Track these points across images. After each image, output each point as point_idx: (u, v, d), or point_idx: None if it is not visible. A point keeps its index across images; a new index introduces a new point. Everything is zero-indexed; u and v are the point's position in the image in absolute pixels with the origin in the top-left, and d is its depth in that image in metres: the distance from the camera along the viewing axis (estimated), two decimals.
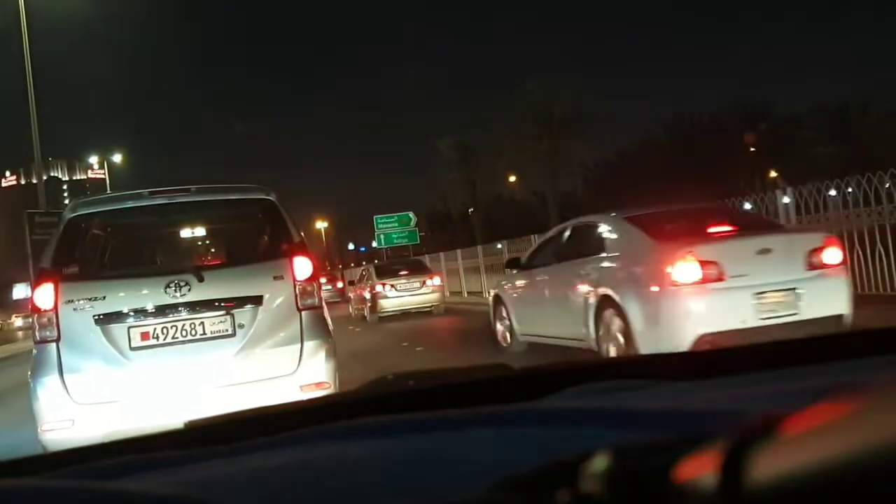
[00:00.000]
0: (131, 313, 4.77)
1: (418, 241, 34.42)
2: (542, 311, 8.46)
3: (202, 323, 4.83)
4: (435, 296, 18.33)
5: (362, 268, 24.05)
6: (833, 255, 6.64)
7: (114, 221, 5.50)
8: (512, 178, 47.39)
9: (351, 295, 22.51)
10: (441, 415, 0.82)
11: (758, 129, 42.88)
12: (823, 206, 10.14)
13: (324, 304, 5.27)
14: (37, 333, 4.72)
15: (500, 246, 20.83)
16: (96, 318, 4.70)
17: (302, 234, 5.44)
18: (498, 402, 0.87)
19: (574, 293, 7.51)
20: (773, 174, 41.01)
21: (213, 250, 8.37)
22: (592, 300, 7.11)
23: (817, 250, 6.58)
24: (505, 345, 9.50)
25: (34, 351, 4.76)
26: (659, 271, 6.39)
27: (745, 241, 6.62)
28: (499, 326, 9.70)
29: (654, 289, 6.43)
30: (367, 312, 18.62)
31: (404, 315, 17.55)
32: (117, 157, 44.15)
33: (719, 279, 6.23)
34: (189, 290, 4.81)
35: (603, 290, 6.95)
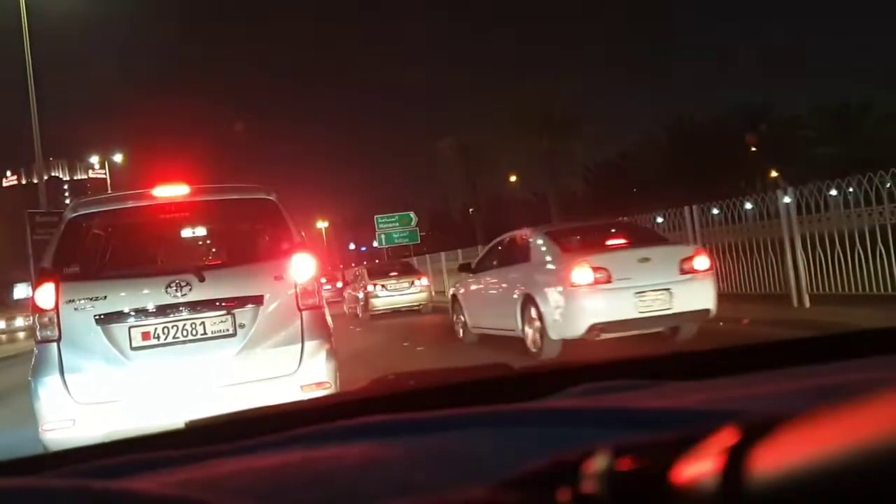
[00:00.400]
0: (132, 313, 4.77)
1: (419, 241, 34.39)
2: (485, 308, 10.32)
3: (203, 323, 4.83)
4: (423, 295, 19.63)
5: (355, 269, 25.42)
6: (702, 262, 8.49)
7: (115, 221, 5.50)
8: (512, 178, 47.44)
9: (345, 294, 23.74)
10: (442, 414, 0.82)
11: (758, 129, 42.91)
12: (824, 206, 10.15)
13: (324, 303, 5.28)
14: (38, 333, 4.72)
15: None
16: (97, 317, 4.70)
17: (303, 233, 5.44)
18: (499, 401, 0.88)
19: (507, 292, 9.39)
20: (773, 174, 41.01)
21: (213, 250, 8.36)
22: (518, 298, 8.95)
23: (689, 259, 8.43)
24: (461, 336, 11.20)
25: (35, 351, 4.77)
26: (563, 275, 8.21)
27: (629, 252, 8.49)
28: (456, 321, 11.51)
29: (560, 289, 8.24)
30: (359, 311, 20.04)
31: (395, 313, 18.69)
32: (118, 157, 44.18)
33: (608, 281, 8.02)
34: (190, 289, 4.81)
35: (526, 290, 8.80)
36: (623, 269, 8.09)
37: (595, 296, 8.02)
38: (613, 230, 9.49)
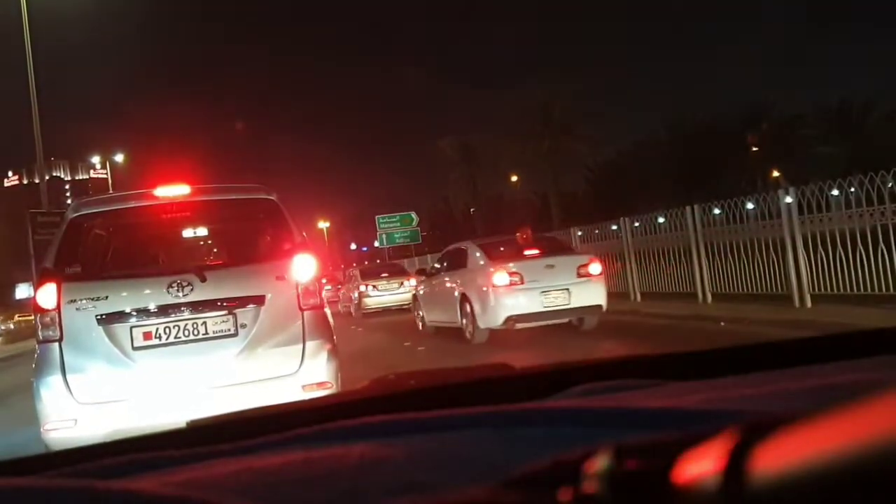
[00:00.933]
0: (134, 313, 4.76)
1: (420, 241, 34.41)
2: (436, 305, 12.72)
3: (204, 323, 4.83)
4: (411, 295, 20.11)
5: (350, 270, 27.02)
6: (595, 268, 10.85)
7: (116, 221, 5.50)
8: (514, 178, 47.43)
9: (340, 293, 25.14)
10: (443, 414, 0.82)
11: (759, 128, 42.86)
12: (826, 206, 10.15)
13: (326, 303, 5.28)
14: (40, 333, 4.71)
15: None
16: (99, 317, 4.70)
17: (304, 233, 5.44)
18: (499, 401, 0.88)
19: (450, 292, 11.82)
20: (775, 174, 40.97)
21: (215, 250, 8.37)
22: (458, 296, 11.40)
23: (585, 265, 10.81)
24: (420, 328, 13.73)
25: (37, 350, 4.76)
26: (487, 278, 10.62)
27: (538, 260, 10.83)
28: (416, 316, 14.15)
29: (485, 289, 10.65)
30: (353, 309, 21.74)
31: (385, 311, 20.05)
32: (119, 157, 44.19)
33: (521, 283, 10.42)
34: (191, 289, 4.81)
35: (463, 290, 11.27)
36: (533, 273, 10.52)
37: (510, 294, 10.41)
38: (530, 242, 11.63)
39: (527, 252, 11.10)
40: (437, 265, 13.40)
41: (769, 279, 11.07)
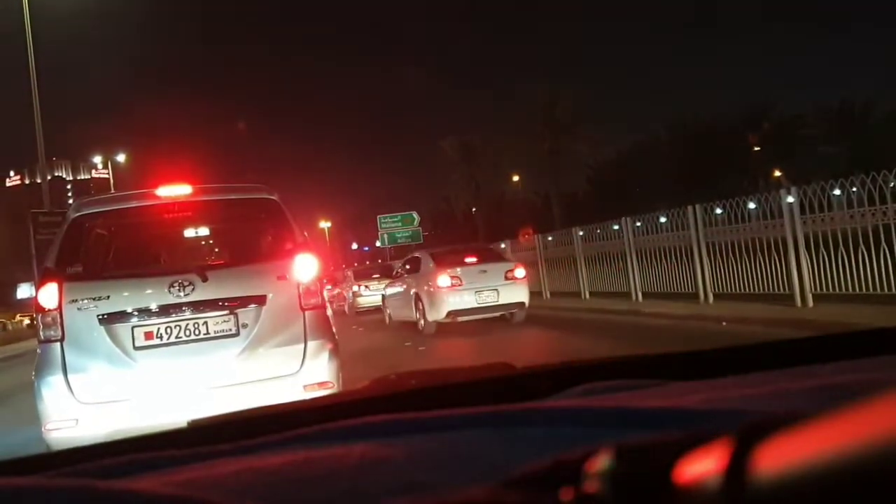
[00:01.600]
0: (135, 313, 4.76)
1: (422, 241, 34.38)
2: (397, 303, 15.46)
3: (206, 323, 4.83)
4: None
5: (344, 271, 28.65)
6: (519, 273, 13.63)
7: (118, 221, 5.50)
8: (515, 178, 47.41)
9: (334, 293, 25.96)
10: (444, 414, 0.82)
11: (761, 128, 42.84)
12: (828, 206, 10.13)
13: (327, 303, 5.27)
14: (41, 333, 4.71)
15: (503, 246, 21.09)
16: (100, 317, 4.70)
17: (305, 233, 5.44)
18: (500, 401, 0.88)
19: (407, 292, 14.52)
20: (776, 173, 40.94)
21: (216, 250, 8.37)
22: (413, 296, 14.05)
23: (511, 270, 13.58)
24: (387, 323, 16.38)
25: (38, 350, 4.76)
26: (433, 281, 13.25)
27: (475, 266, 13.52)
28: (385, 314, 16.84)
29: (432, 289, 13.26)
30: (346, 308, 23.52)
31: (377, 310, 20.48)
32: (121, 157, 44.23)
33: (460, 285, 13.06)
34: (193, 289, 4.81)
35: (416, 290, 13.88)
36: (469, 277, 13.20)
37: (451, 294, 13.05)
38: (471, 252, 14.58)
39: (467, 259, 13.81)
40: (398, 270, 16.10)
41: (771, 279, 11.06)
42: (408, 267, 15.11)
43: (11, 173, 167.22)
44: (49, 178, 27.23)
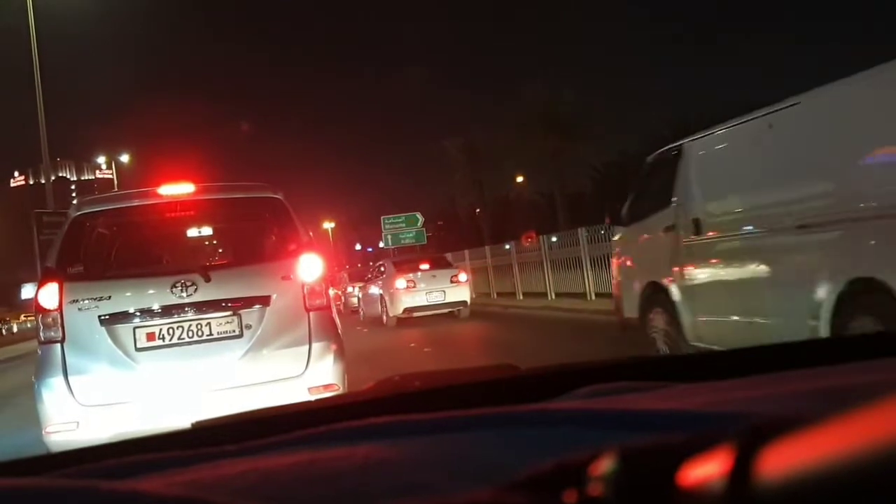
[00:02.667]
0: (137, 313, 4.71)
1: (425, 241, 34.37)
2: (368, 301, 18.94)
3: (209, 323, 4.79)
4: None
5: (340, 273, 31.06)
6: (462, 277, 17.17)
7: (120, 220, 5.47)
8: (519, 179, 47.35)
9: (329, 293, 26.90)
10: (448, 416, 0.82)
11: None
12: None
13: (332, 304, 5.24)
14: (41, 334, 4.65)
15: (507, 247, 21.16)
16: (102, 318, 4.65)
17: (310, 233, 5.41)
18: (504, 403, 0.87)
19: (375, 293, 18.05)
20: None
21: (220, 250, 8.37)
22: (378, 296, 17.62)
23: (455, 276, 17.03)
24: (361, 319, 19.24)
25: (38, 351, 4.71)
26: (393, 284, 16.68)
27: (427, 272, 16.88)
28: (359, 312, 20.11)
29: (392, 291, 16.64)
30: (342, 306, 24.51)
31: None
32: (125, 158, 44.33)
33: (414, 287, 16.46)
34: (195, 290, 4.77)
35: (381, 292, 17.37)
36: (422, 280, 16.59)
37: (406, 294, 16.44)
38: (426, 260, 18.03)
39: (421, 266, 17.25)
40: (369, 275, 19.71)
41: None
42: (377, 272, 18.54)
43: (16, 174, 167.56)
44: (53, 178, 27.25)
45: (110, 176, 52.41)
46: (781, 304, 5.57)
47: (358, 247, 75.37)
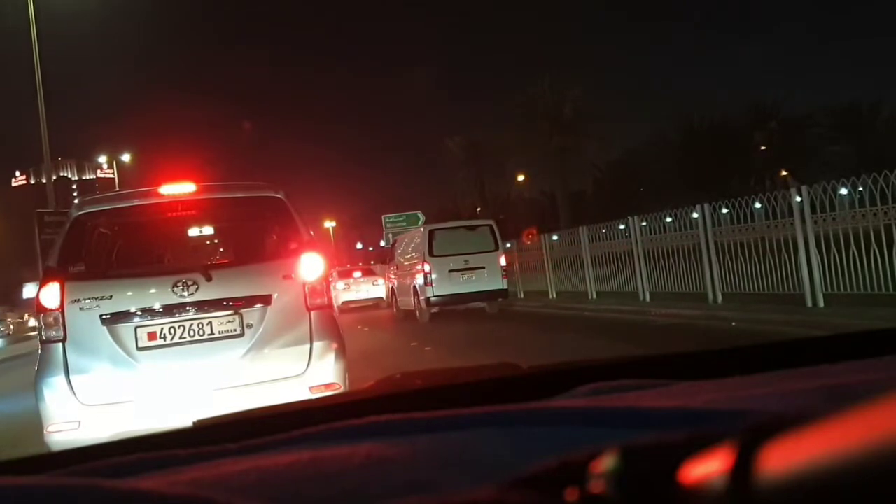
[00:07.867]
0: (138, 313, 4.70)
1: None
2: (336, 295, 21.60)
3: (210, 323, 4.78)
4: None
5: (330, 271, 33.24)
6: (380, 281, 25.15)
7: (121, 219, 5.46)
8: (521, 178, 47.34)
9: None
10: (449, 414, 0.82)
11: (768, 128, 42.68)
12: (837, 205, 10.09)
13: (333, 303, 5.22)
14: (43, 333, 4.64)
15: (508, 245, 21.23)
16: (103, 317, 4.64)
17: (311, 232, 5.40)
18: (506, 401, 0.87)
19: (335, 291, 20.63)
20: (783, 173, 40.79)
21: (221, 249, 8.37)
22: (335, 293, 18.94)
23: (375, 279, 25.97)
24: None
25: (40, 351, 4.70)
26: (336, 285, 23.38)
27: (357, 278, 26.33)
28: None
29: (335, 290, 21.21)
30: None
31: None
32: (126, 157, 44.29)
33: (348, 288, 25.60)
34: (197, 289, 4.76)
35: (335, 290, 20.99)
36: (354, 284, 25.26)
37: (345, 292, 24.53)
38: (357, 269, 26.95)
39: (354, 273, 26.08)
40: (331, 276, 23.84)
41: (781, 279, 11.01)
42: (334, 275, 23.81)
43: (17, 173, 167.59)
44: (54, 178, 27.28)
45: (111, 175, 52.46)
46: None
47: (359, 245, 75.36)
